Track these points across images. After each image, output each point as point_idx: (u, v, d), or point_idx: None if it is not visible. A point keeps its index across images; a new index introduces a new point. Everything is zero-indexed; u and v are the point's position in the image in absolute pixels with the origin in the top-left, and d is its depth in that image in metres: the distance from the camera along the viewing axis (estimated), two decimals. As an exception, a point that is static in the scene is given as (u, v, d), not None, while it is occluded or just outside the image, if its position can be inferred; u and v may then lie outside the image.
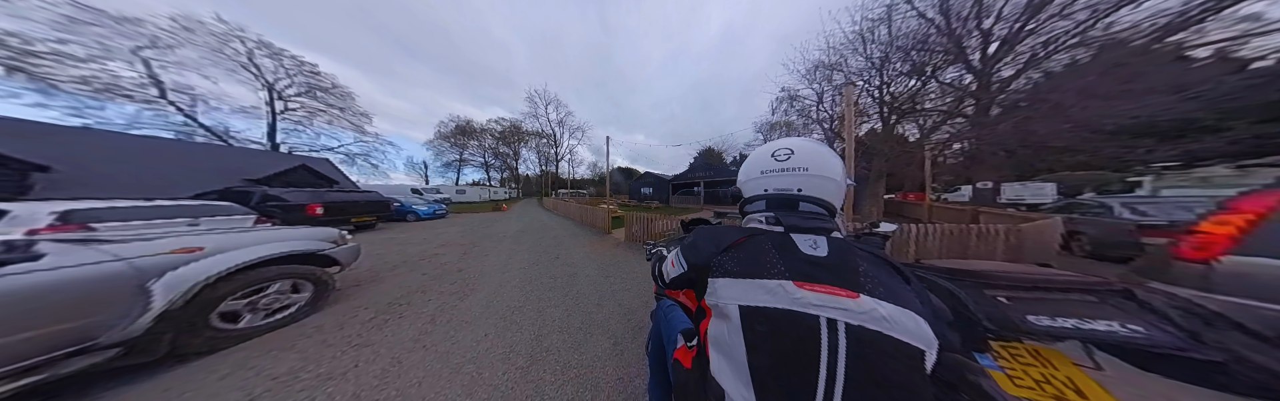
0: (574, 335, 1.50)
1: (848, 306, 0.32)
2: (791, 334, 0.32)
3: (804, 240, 0.39)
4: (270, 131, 16.67)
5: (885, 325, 0.31)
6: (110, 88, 14.92)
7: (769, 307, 0.33)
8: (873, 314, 0.32)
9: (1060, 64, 5.54)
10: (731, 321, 0.35)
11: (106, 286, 1.04)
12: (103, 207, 2.48)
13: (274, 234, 1.70)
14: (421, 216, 8.06)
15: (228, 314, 1.41)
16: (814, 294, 0.33)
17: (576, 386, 1.10)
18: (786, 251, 0.38)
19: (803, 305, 0.33)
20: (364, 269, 2.81)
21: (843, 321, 0.31)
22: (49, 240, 1.06)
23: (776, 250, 0.38)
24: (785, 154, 0.45)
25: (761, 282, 0.35)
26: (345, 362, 1.26)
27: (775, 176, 0.45)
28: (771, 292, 0.34)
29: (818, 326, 0.31)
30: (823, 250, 0.38)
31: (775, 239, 0.40)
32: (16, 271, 0.90)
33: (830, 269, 0.35)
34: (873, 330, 0.31)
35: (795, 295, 0.33)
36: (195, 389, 1.09)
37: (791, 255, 0.37)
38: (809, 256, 0.37)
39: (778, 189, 0.45)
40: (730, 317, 0.35)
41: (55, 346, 0.95)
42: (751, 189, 0.48)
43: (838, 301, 0.32)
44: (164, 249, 1.23)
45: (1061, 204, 4.35)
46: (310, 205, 5.06)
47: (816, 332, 0.31)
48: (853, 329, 0.31)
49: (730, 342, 0.34)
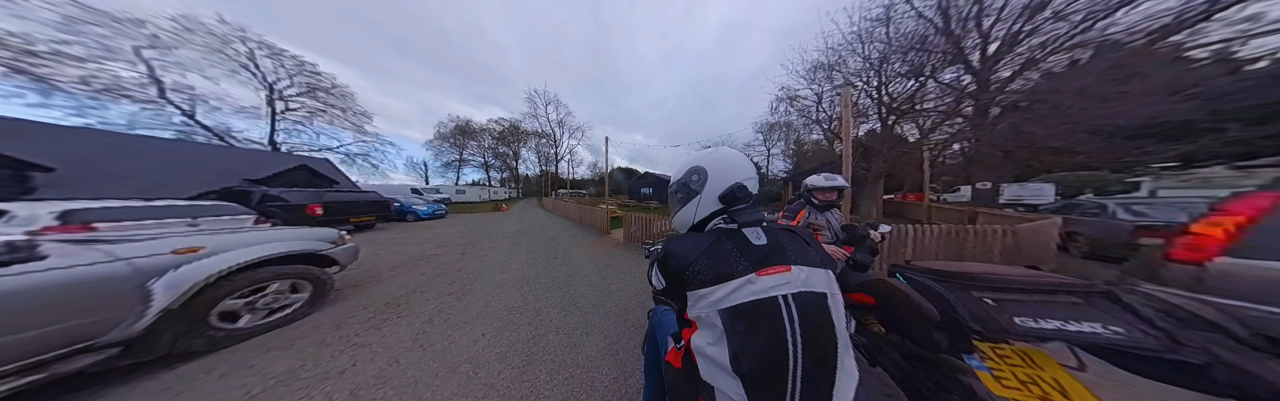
0: (571, 335, 1.51)
1: (789, 279, 0.40)
2: (764, 319, 0.37)
3: (752, 233, 0.45)
4: (270, 131, 16.71)
5: (810, 284, 0.40)
6: (111, 87, 14.95)
7: (741, 303, 0.39)
8: (800, 277, 0.40)
9: (1058, 65, 5.56)
10: (716, 329, 0.39)
11: (107, 286, 1.05)
12: (103, 208, 2.49)
13: (273, 234, 1.71)
14: (421, 216, 8.07)
15: (227, 313, 1.42)
16: (769, 277, 0.40)
17: (572, 386, 1.11)
18: (744, 247, 0.44)
19: (765, 291, 0.39)
20: (363, 269, 2.82)
21: (790, 294, 0.39)
22: (52, 241, 1.06)
23: (736, 247, 0.44)
24: (699, 176, 0.51)
25: (733, 284, 0.40)
26: (343, 362, 1.27)
27: (728, 172, 0.51)
28: (740, 289, 0.39)
29: (778, 305, 0.38)
30: (763, 239, 0.44)
31: (734, 237, 0.45)
32: (20, 271, 0.91)
33: (772, 251, 0.43)
34: (805, 291, 0.39)
35: (757, 285, 0.39)
36: (194, 388, 1.10)
37: (748, 249, 0.43)
38: (756, 246, 0.43)
39: (732, 187, 0.50)
40: (715, 326, 0.39)
41: (57, 345, 0.96)
42: (723, 184, 0.51)
43: (783, 277, 0.40)
44: (164, 249, 1.24)
45: (1059, 204, 4.36)
46: (310, 205, 5.07)
47: (778, 310, 0.38)
48: (796, 296, 0.39)
49: (716, 351, 0.38)
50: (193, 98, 16.30)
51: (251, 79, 17.09)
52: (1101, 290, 0.60)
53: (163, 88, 15.64)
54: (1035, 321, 0.57)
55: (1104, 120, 4.48)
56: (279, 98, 17.01)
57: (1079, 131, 4.59)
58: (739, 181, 0.50)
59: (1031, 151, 5.26)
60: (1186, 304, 0.56)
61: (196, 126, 15.67)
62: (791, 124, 16.50)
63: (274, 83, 16.94)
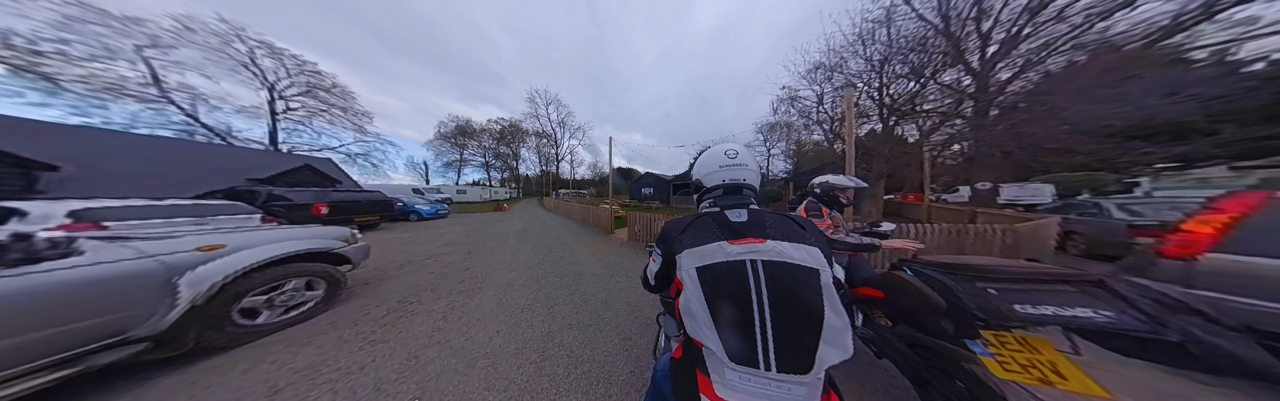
0: (584, 332, 1.54)
1: (759, 249, 0.46)
2: (731, 277, 0.45)
3: (733, 213, 0.54)
4: (271, 131, 16.69)
5: (785, 256, 0.46)
6: (112, 87, 14.93)
7: (714, 263, 0.47)
8: (776, 249, 0.46)
9: (1057, 67, 5.62)
10: (692, 283, 0.46)
11: (138, 282, 1.09)
12: (114, 207, 2.51)
13: (289, 232, 1.74)
14: (424, 216, 8.09)
15: (247, 310, 1.45)
16: (739, 246, 0.47)
17: (590, 380, 1.14)
18: (722, 223, 0.52)
19: (735, 255, 0.46)
20: (372, 268, 2.84)
21: (760, 260, 0.45)
22: (88, 238, 1.10)
23: (716, 223, 0.53)
24: (733, 153, 0.62)
25: (706, 247, 0.48)
26: (363, 357, 1.30)
27: (729, 169, 0.61)
28: (712, 253, 0.48)
29: (744, 267, 0.45)
30: (744, 217, 0.53)
31: (716, 216, 0.54)
32: (61, 266, 0.94)
33: (748, 227, 0.51)
34: (777, 261, 0.45)
35: (728, 250, 0.47)
36: (220, 382, 1.13)
37: (724, 225, 0.52)
38: (735, 223, 0.52)
39: (730, 179, 0.60)
40: (691, 280, 0.47)
41: (92, 338, 0.99)
42: (711, 180, 0.62)
43: (753, 247, 0.47)
44: (188, 246, 1.27)
45: (1058, 204, 4.42)
46: (315, 205, 5.09)
47: (744, 271, 0.45)
48: (766, 263, 0.45)
49: (693, 302, 0.45)
50: (194, 97, 16.31)
51: (252, 78, 17.10)
52: (1093, 279, 0.65)
53: (163, 87, 15.63)
54: (1033, 308, 0.61)
55: (1100, 121, 4.54)
56: (279, 97, 17.01)
57: (1076, 132, 4.65)
58: (697, 178, 0.64)
59: (1030, 152, 5.31)
60: (1169, 290, 0.61)
61: (198, 126, 15.67)
62: (792, 124, 16.55)
63: (275, 82, 16.94)
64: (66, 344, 0.94)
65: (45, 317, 0.89)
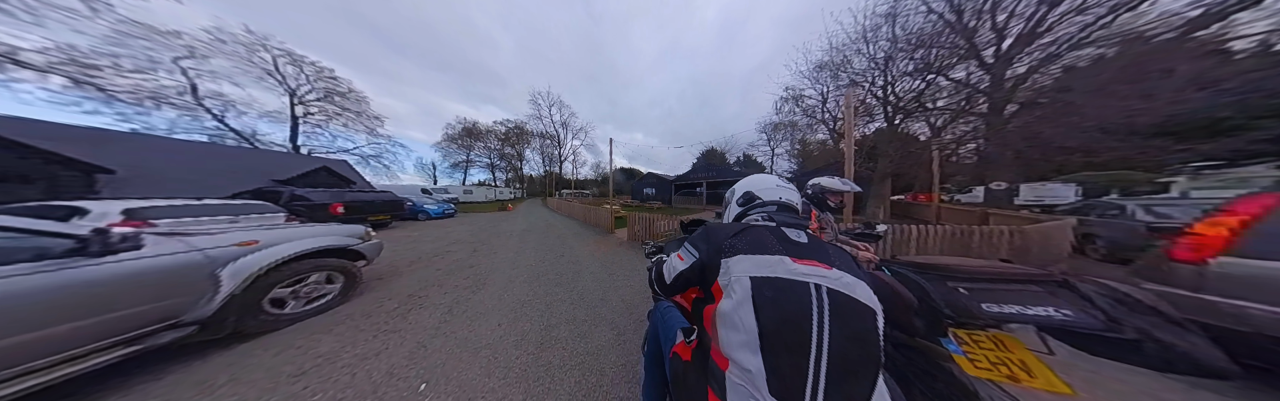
0: (580, 326, 1.62)
1: (826, 275, 0.43)
2: (792, 296, 0.40)
3: (791, 232, 0.53)
4: (293, 134, 17.62)
5: (850, 289, 0.42)
6: (155, 95, 16.11)
7: (774, 277, 0.42)
8: (842, 280, 0.43)
9: (1076, 61, 5.36)
10: (741, 293, 0.42)
11: (189, 272, 1.24)
12: (161, 206, 2.77)
13: (312, 230, 1.89)
14: (432, 215, 8.37)
15: (276, 300, 1.59)
16: (804, 266, 0.44)
17: (583, 370, 1.21)
18: (782, 238, 0.51)
19: (798, 275, 0.42)
20: (384, 264, 3.01)
21: (826, 286, 0.41)
22: (150, 233, 1.25)
23: (774, 237, 0.50)
24: (786, 180, 0.71)
25: (766, 258, 0.45)
26: (377, 345, 1.42)
27: (784, 190, 0.67)
28: (773, 266, 0.44)
29: (809, 290, 0.41)
30: (804, 239, 0.52)
31: (772, 230, 0.53)
32: (128, 258, 1.09)
33: (811, 249, 0.48)
34: (843, 293, 0.41)
35: (791, 267, 0.43)
36: (255, 363, 1.27)
37: (785, 241, 0.50)
38: (796, 242, 0.50)
39: (786, 199, 0.66)
40: (743, 289, 0.42)
41: (153, 320, 1.14)
42: (769, 195, 0.66)
43: (820, 271, 0.43)
44: (229, 242, 1.41)
45: (1077, 205, 4.23)
46: (333, 204, 5.37)
47: (809, 295, 0.40)
48: (831, 292, 0.41)
49: (740, 314, 0.40)
50: (224, 103, 17.37)
51: (275, 85, 18.07)
52: (1058, 280, 0.67)
53: (198, 94, 16.72)
54: (999, 306, 0.65)
55: (1124, 118, 4.31)
56: (300, 102, 17.93)
57: (1095, 130, 4.42)
58: (749, 190, 0.68)
59: (1043, 151, 5.08)
60: (1131, 290, 0.63)
61: (227, 130, 16.68)
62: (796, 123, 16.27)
63: (296, 88, 17.87)
64: (134, 324, 1.09)
65: (121, 301, 1.05)
